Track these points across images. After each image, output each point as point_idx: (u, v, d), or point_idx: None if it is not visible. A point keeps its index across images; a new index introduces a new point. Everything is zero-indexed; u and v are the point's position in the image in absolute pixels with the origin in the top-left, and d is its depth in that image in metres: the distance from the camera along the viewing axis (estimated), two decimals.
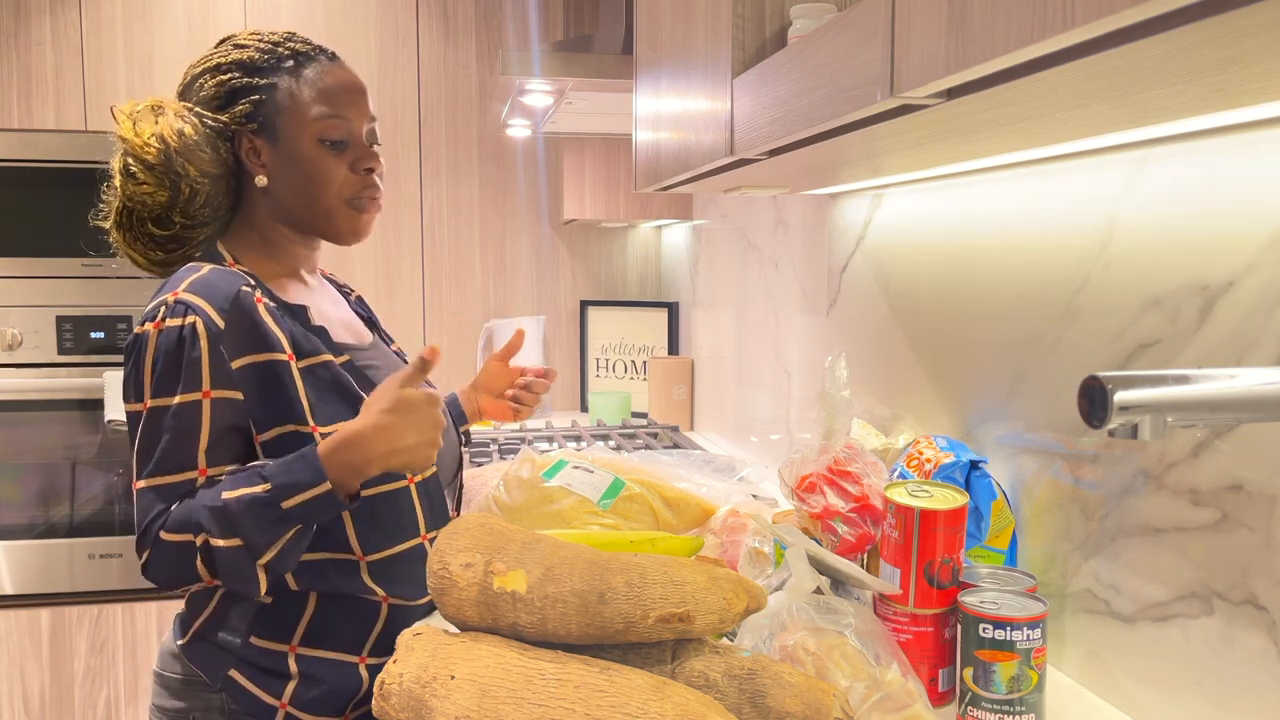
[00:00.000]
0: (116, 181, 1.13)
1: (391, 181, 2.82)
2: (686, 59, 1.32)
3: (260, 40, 1.16)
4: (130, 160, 1.11)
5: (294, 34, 1.18)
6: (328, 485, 0.98)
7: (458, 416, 1.48)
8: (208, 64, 1.15)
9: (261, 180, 1.15)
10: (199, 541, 0.98)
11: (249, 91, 1.13)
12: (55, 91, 2.61)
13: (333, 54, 1.19)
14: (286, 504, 0.97)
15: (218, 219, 1.17)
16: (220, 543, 0.97)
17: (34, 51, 2.60)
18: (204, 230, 1.16)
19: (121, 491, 2.54)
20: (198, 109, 1.14)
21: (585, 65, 1.79)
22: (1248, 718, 0.86)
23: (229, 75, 1.14)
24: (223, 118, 1.14)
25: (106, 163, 1.17)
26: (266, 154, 1.15)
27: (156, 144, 1.10)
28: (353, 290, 1.38)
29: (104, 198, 1.16)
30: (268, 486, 0.98)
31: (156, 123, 1.11)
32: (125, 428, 2.34)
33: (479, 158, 2.87)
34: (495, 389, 1.52)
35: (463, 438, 1.39)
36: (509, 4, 2.81)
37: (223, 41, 1.18)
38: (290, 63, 1.15)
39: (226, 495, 0.98)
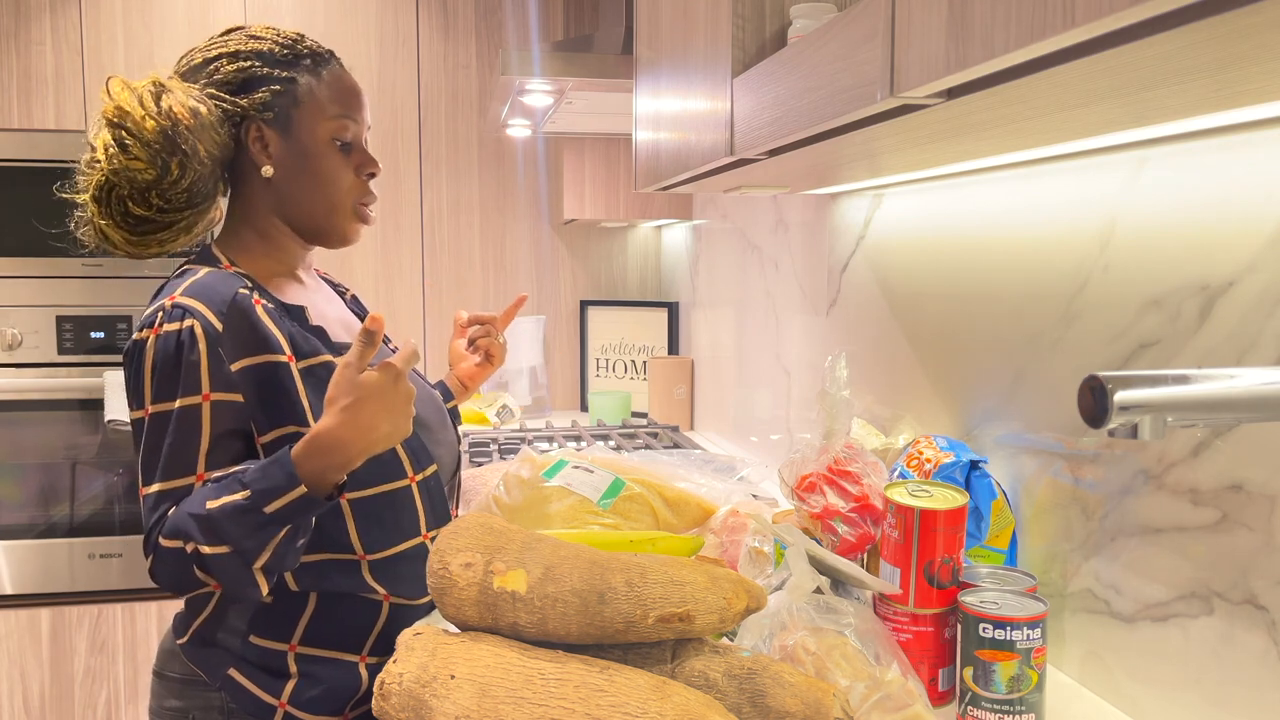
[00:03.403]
0: (101, 155, 1.07)
1: (391, 181, 2.82)
2: (686, 59, 1.32)
3: (277, 35, 1.17)
4: (125, 133, 1.06)
5: (304, 35, 1.20)
6: (303, 489, 0.95)
7: (447, 398, 1.47)
8: (224, 49, 1.14)
9: (268, 171, 1.15)
10: (189, 549, 0.97)
11: (268, 81, 1.14)
12: (55, 91, 2.61)
13: (340, 60, 1.21)
14: (268, 509, 0.95)
15: (194, 208, 1.12)
16: (209, 550, 0.96)
17: (34, 51, 2.60)
18: (179, 217, 1.12)
19: (121, 491, 2.54)
20: (211, 90, 1.13)
21: (585, 65, 1.79)
22: (1248, 718, 0.86)
23: (249, 63, 1.14)
24: (242, 102, 1.13)
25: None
26: (276, 145, 1.15)
27: (163, 120, 1.06)
28: (348, 289, 1.38)
29: (82, 169, 1.10)
30: (248, 493, 0.96)
31: (161, 99, 1.07)
32: (125, 427, 2.34)
33: (479, 158, 2.87)
34: (462, 358, 1.51)
35: (460, 436, 1.38)
36: (509, 4, 2.81)
37: (232, 30, 1.18)
38: (308, 60, 1.17)
39: (210, 505, 0.97)
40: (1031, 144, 0.96)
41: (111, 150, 1.06)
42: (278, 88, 1.14)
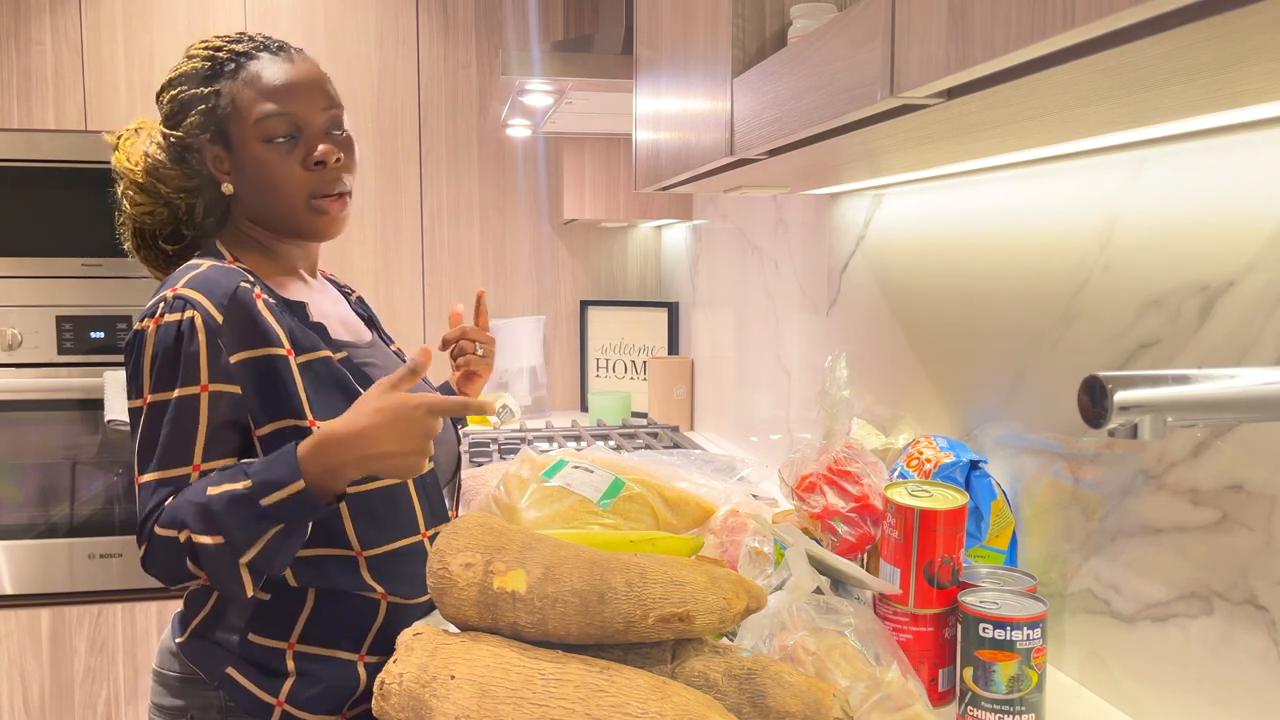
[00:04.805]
0: (124, 204, 1.18)
1: (391, 181, 2.82)
2: (686, 59, 1.32)
3: (206, 47, 1.15)
4: (124, 183, 1.17)
5: (244, 34, 1.17)
6: (302, 484, 0.96)
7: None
8: (165, 80, 1.17)
9: (228, 188, 1.16)
10: (183, 538, 0.98)
11: (196, 102, 1.13)
12: (55, 91, 2.61)
13: (280, 47, 1.16)
14: (265, 501, 0.96)
15: (219, 231, 1.19)
16: (202, 539, 0.97)
17: (34, 51, 2.59)
18: (208, 242, 1.18)
19: (121, 491, 2.54)
20: (163, 127, 1.16)
21: (585, 65, 1.79)
22: (1248, 718, 0.86)
23: (178, 89, 1.15)
24: (178, 132, 1.14)
25: (107, 162, 1.19)
26: (226, 161, 1.15)
27: (139, 166, 1.15)
28: (353, 291, 1.38)
29: (120, 221, 1.21)
30: (249, 484, 0.97)
31: (136, 145, 1.16)
32: (125, 427, 2.35)
33: (479, 158, 2.87)
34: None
35: (460, 437, 1.38)
36: (509, 4, 2.81)
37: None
38: (231, 66, 1.13)
39: (211, 492, 0.98)
40: (1031, 144, 0.96)
41: (123, 201, 1.18)
42: (204, 106, 1.13)
